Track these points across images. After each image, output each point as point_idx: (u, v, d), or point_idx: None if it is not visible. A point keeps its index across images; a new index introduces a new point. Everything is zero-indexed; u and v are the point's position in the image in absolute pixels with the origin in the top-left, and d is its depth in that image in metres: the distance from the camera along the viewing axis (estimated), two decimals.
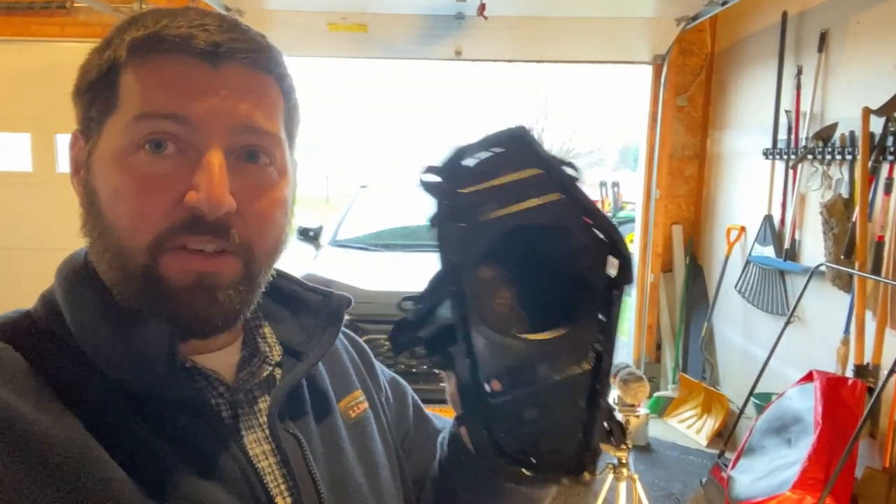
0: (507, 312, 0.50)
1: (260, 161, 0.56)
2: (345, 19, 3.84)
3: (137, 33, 0.53)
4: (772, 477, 2.55)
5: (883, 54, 2.64)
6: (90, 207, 0.55)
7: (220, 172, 0.52)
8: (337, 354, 0.76)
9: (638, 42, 4.34)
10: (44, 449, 0.47)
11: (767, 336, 3.35)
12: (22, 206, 3.96)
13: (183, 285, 0.53)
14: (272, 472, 0.60)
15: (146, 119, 0.52)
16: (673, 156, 4.54)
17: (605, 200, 12.66)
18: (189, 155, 0.53)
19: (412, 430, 0.80)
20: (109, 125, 0.54)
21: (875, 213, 2.64)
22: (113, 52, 0.54)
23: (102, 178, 0.54)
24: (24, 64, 3.89)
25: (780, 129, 3.45)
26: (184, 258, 0.53)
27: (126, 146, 0.52)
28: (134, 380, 0.54)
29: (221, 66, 0.53)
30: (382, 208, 4.51)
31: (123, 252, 0.53)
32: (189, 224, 0.52)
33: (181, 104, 0.52)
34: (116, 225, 0.53)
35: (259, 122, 0.55)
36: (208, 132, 0.53)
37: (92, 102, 0.55)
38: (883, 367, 2.55)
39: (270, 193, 0.57)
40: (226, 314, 0.56)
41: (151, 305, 0.53)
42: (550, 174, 0.49)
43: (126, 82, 0.53)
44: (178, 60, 0.53)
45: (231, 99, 0.53)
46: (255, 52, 0.55)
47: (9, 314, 0.57)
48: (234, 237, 0.54)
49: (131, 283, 0.53)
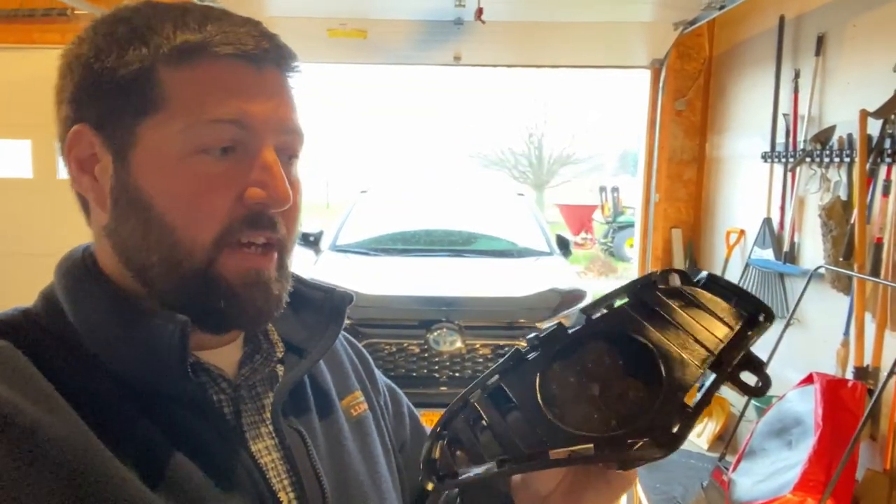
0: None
1: (292, 159, 0.60)
2: (344, 25, 3.85)
3: (188, 36, 0.54)
4: (773, 479, 2.55)
5: (880, 57, 2.65)
6: (130, 207, 0.55)
7: (280, 170, 0.56)
8: (338, 354, 0.76)
9: (636, 47, 4.35)
10: (45, 446, 0.47)
11: (767, 338, 3.34)
12: (22, 213, 3.97)
13: (243, 283, 0.56)
14: (275, 467, 0.60)
15: (207, 125, 0.54)
16: (672, 160, 4.55)
17: (605, 205, 12.68)
18: (242, 154, 0.55)
19: (409, 442, 0.81)
20: (150, 126, 0.54)
21: (873, 215, 2.64)
22: (153, 51, 0.54)
23: (155, 178, 0.54)
24: (24, 71, 3.90)
25: (778, 133, 3.46)
26: (240, 256, 0.56)
27: (186, 149, 0.54)
28: (139, 375, 0.54)
29: (264, 69, 0.56)
30: (383, 213, 4.52)
31: (181, 251, 0.54)
32: (250, 220, 0.55)
33: (239, 108, 0.54)
34: (177, 224, 0.54)
35: (296, 123, 0.59)
36: (262, 133, 0.56)
37: (121, 99, 0.54)
38: (883, 369, 2.55)
39: (299, 189, 0.61)
40: (278, 305, 0.59)
41: (211, 303, 0.55)
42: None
43: (173, 84, 0.54)
44: (230, 66, 0.55)
45: (273, 100, 0.57)
46: (286, 58, 0.59)
47: (8, 312, 0.57)
48: (280, 230, 0.58)
49: (187, 283, 0.55)
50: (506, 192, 5.08)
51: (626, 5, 3.55)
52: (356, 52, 4.32)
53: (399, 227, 4.27)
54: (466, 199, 4.81)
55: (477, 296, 3.17)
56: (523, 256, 3.83)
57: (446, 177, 17.29)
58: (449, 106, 34.41)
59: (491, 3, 3.19)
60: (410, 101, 34.60)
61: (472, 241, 4.11)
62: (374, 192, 4.68)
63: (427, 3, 3.55)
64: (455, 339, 2.92)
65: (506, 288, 3.28)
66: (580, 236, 13.32)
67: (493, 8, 3.22)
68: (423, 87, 31.25)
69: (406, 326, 2.97)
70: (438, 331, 2.93)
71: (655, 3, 3.55)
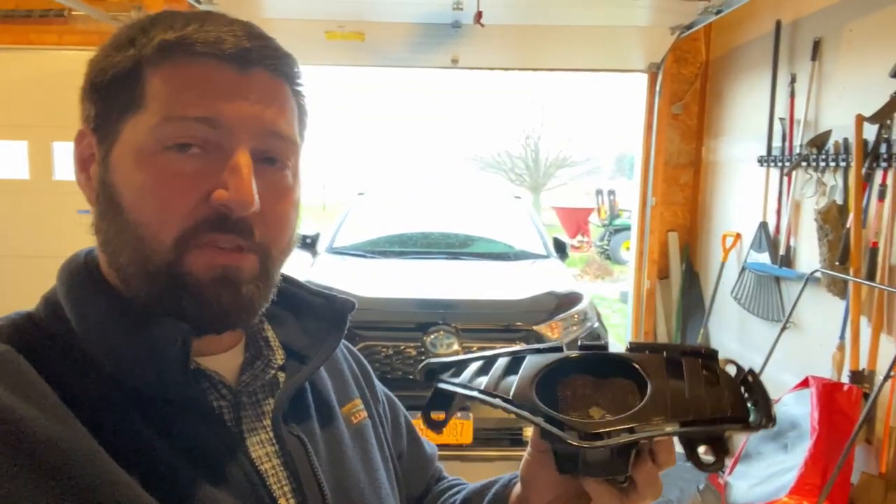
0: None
1: (278, 165, 0.58)
2: (342, 27, 3.85)
3: (167, 35, 0.54)
4: (769, 482, 2.56)
5: (876, 62, 2.67)
6: (107, 204, 0.55)
7: (249, 173, 0.54)
8: (338, 362, 0.77)
9: (633, 50, 4.37)
10: (47, 451, 0.47)
11: (763, 342, 3.36)
12: (19, 214, 3.95)
13: (209, 279, 0.54)
14: (276, 473, 0.60)
15: (177, 121, 0.53)
16: (668, 163, 4.56)
17: (602, 208, 12.69)
18: (215, 155, 0.54)
19: (405, 452, 0.81)
20: (132, 123, 0.54)
21: (869, 220, 2.66)
22: (138, 51, 0.54)
23: (125, 175, 0.54)
24: (21, 72, 3.89)
25: (774, 137, 3.47)
26: (209, 253, 0.54)
27: (152, 145, 0.53)
28: (140, 380, 0.54)
29: (249, 71, 0.55)
30: (380, 216, 4.52)
31: (146, 248, 0.53)
32: (214, 222, 0.53)
33: (212, 107, 0.53)
34: (140, 221, 0.53)
35: (282, 128, 0.57)
36: (236, 134, 0.54)
37: (111, 100, 0.56)
38: (878, 373, 2.56)
39: (288, 197, 0.59)
40: (247, 308, 0.57)
41: (174, 301, 0.54)
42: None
43: (153, 82, 0.54)
44: (208, 64, 0.54)
45: (258, 103, 0.55)
46: (279, 60, 0.57)
47: (10, 316, 0.57)
48: (255, 237, 0.56)
49: (153, 279, 0.54)
50: (503, 195, 5.09)
51: (623, 9, 3.56)
52: (354, 55, 4.32)
53: (396, 229, 4.27)
54: (464, 202, 4.81)
55: (474, 299, 3.17)
56: (520, 259, 3.83)
57: (444, 179, 17.31)
58: (446, 108, 34.41)
59: (489, 7, 3.20)
60: (407, 104, 34.58)
61: (469, 243, 4.11)
62: (372, 195, 4.68)
63: (425, 6, 3.56)
64: (452, 341, 2.92)
65: (503, 291, 3.28)
66: (576, 239, 13.33)
67: (491, 11, 3.23)
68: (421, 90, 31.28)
69: (403, 329, 2.96)
70: (435, 334, 2.92)
71: (652, 8, 3.57)
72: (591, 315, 3.22)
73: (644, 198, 4.64)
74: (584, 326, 3.13)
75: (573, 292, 3.26)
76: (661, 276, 4.65)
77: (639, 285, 4.71)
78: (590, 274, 10.66)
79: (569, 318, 3.08)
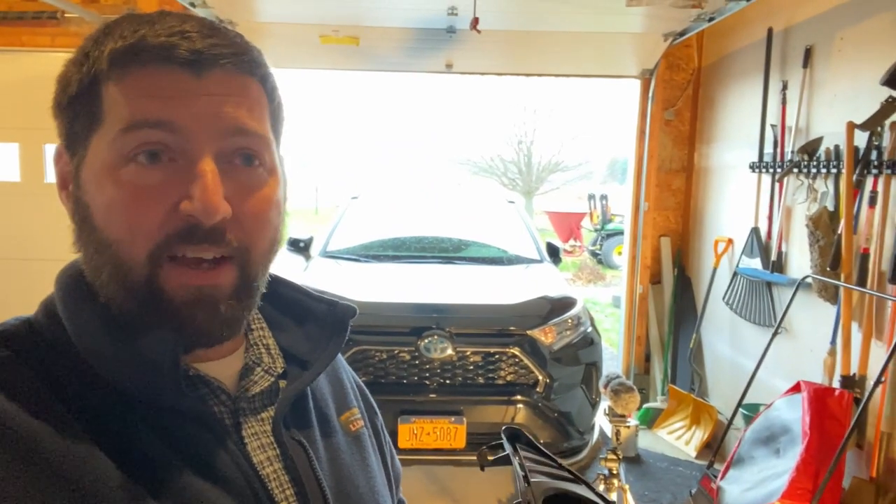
0: None
1: (251, 163, 0.56)
2: (337, 32, 3.86)
3: (117, 44, 0.52)
4: (761, 487, 2.57)
5: (867, 70, 2.69)
6: (83, 223, 0.55)
7: (213, 179, 0.52)
8: (338, 369, 0.77)
9: (626, 57, 4.39)
10: (47, 456, 0.47)
11: (755, 347, 3.38)
12: (10, 217, 3.93)
13: (182, 301, 0.53)
14: (277, 477, 0.60)
15: (133, 130, 0.51)
16: (661, 169, 4.59)
17: (594, 213, 12.74)
18: (180, 164, 0.52)
19: (389, 462, 0.82)
20: (96, 139, 0.53)
21: (860, 226, 2.68)
22: (92, 64, 0.53)
23: (94, 192, 0.53)
24: (13, 74, 3.87)
25: (766, 143, 3.50)
26: (182, 273, 0.53)
27: (116, 159, 0.52)
28: (136, 388, 0.54)
29: (204, 73, 0.53)
30: (373, 220, 4.52)
31: (122, 266, 0.53)
32: (185, 233, 0.52)
33: (167, 111, 0.51)
34: (112, 239, 0.52)
35: (246, 124, 0.55)
36: (198, 139, 0.52)
37: (75, 117, 0.55)
38: (869, 378, 2.58)
39: (263, 194, 0.57)
40: (229, 324, 0.56)
41: (153, 318, 0.53)
42: None
43: (109, 95, 0.53)
44: (160, 71, 0.52)
45: (216, 103, 0.53)
46: (237, 56, 0.55)
47: (10, 321, 0.57)
48: (230, 242, 0.54)
49: (132, 296, 0.53)
50: (496, 200, 5.09)
51: (616, 16, 3.58)
52: (348, 59, 4.33)
53: (390, 233, 4.26)
54: (457, 207, 4.82)
55: (468, 303, 3.17)
56: (513, 264, 3.84)
57: (437, 184, 17.31)
58: (439, 113, 34.46)
59: (483, 13, 3.21)
60: (401, 108, 34.61)
61: (462, 248, 4.11)
62: (365, 199, 4.68)
63: (420, 12, 3.57)
64: (446, 346, 2.92)
65: (496, 295, 3.28)
66: (569, 243, 13.36)
67: (485, 17, 3.24)
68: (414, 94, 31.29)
69: (397, 333, 2.96)
70: (429, 338, 2.92)
71: (645, 15, 3.59)
72: (585, 319, 3.23)
73: (637, 203, 4.67)
74: (578, 331, 3.13)
75: (567, 297, 3.26)
76: (654, 280, 4.67)
77: (631, 290, 4.73)
78: (582, 278, 10.69)
79: (562, 323, 3.09)
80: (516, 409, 2.91)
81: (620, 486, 2.32)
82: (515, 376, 2.96)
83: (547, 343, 3.00)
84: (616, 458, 2.32)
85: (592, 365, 3.16)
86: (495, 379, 2.96)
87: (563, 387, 2.99)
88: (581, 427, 3.05)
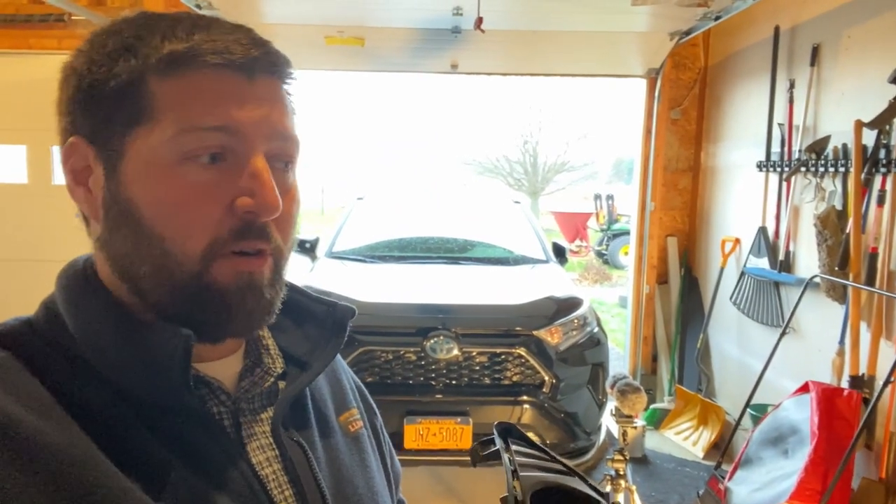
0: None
1: (285, 165, 0.60)
2: (342, 33, 3.86)
3: (175, 46, 0.54)
4: (769, 488, 2.56)
5: (874, 68, 2.68)
6: (121, 218, 0.55)
7: (269, 178, 0.55)
8: (337, 370, 0.77)
9: (632, 56, 4.38)
10: (46, 456, 0.47)
11: (763, 347, 3.36)
12: (18, 218, 3.95)
13: (236, 287, 0.55)
14: (276, 478, 0.60)
15: (194, 132, 0.53)
16: (667, 168, 4.57)
17: (600, 213, 12.71)
18: (231, 161, 0.55)
19: (389, 463, 0.83)
20: (141, 135, 0.54)
21: (868, 225, 2.66)
22: (141, 61, 0.54)
23: (143, 189, 0.54)
24: (21, 76, 3.89)
25: (773, 142, 3.48)
26: (233, 262, 0.55)
27: (173, 157, 0.53)
28: (139, 387, 0.54)
29: (256, 78, 0.56)
30: (379, 220, 4.52)
31: (171, 261, 0.54)
32: (240, 230, 0.55)
33: (226, 116, 0.54)
34: (165, 235, 0.54)
35: (288, 129, 0.59)
36: (252, 140, 0.55)
37: (111, 110, 0.55)
38: (878, 378, 2.56)
39: (293, 195, 0.60)
40: (269, 310, 0.59)
41: (200, 310, 0.55)
42: None
43: (163, 94, 0.54)
44: (219, 74, 0.54)
45: (266, 108, 0.56)
46: (278, 66, 0.58)
47: (9, 321, 0.57)
48: (275, 238, 0.57)
49: (179, 290, 0.54)
50: (502, 200, 5.09)
51: (621, 15, 3.57)
52: (354, 60, 4.33)
53: (396, 234, 4.27)
54: (463, 207, 4.81)
55: (474, 304, 3.17)
56: (520, 264, 3.83)
57: (443, 184, 17.30)
58: (445, 113, 34.48)
59: (489, 13, 3.21)
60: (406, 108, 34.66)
61: (468, 248, 4.11)
62: (371, 199, 4.68)
63: (425, 12, 3.57)
64: (452, 346, 2.91)
65: (503, 296, 3.28)
66: (575, 244, 13.34)
67: (490, 17, 3.24)
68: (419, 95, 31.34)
69: (403, 334, 2.96)
70: (435, 338, 2.92)
71: (651, 14, 3.58)
72: (591, 320, 3.22)
73: (643, 203, 4.65)
74: (584, 331, 3.13)
75: (573, 297, 3.26)
76: (661, 280, 4.66)
77: (638, 290, 4.71)
78: (588, 279, 10.67)
79: (568, 323, 3.08)
80: (522, 409, 2.91)
81: (627, 486, 2.31)
82: (521, 377, 2.96)
83: (553, 343, 3.00)
84: (623, 459, 2.31)
85: (599, 365, 3.15)
86: (501, 379, 2.96)
87: (569, 387, 2.99)
88: (588, 428, 3.04)
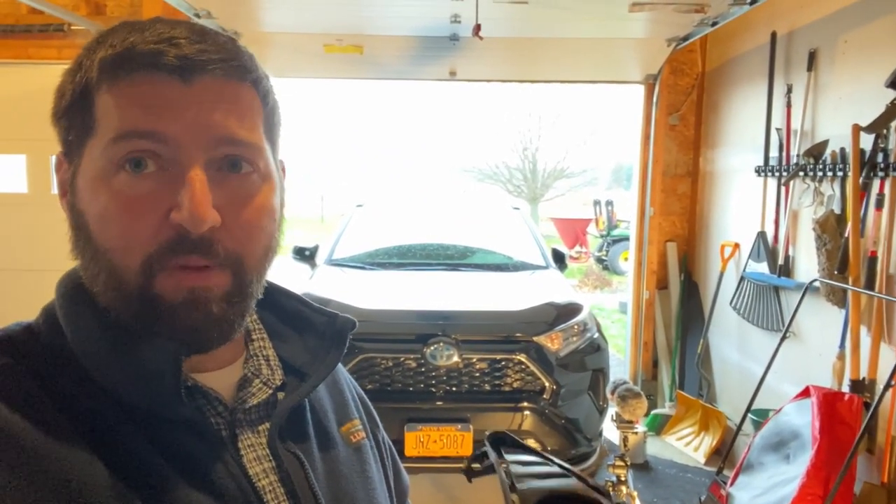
0: None
1: (242, 170, 0.56)
2: (340, 41, 3.87)
3: (106, 53, 0.53)
4: (771, 493, 2.55)
5: (871, 72, 2.68)
6: (78, 230, 0.55)
7: (201, 189, 0.51)
8: (339, 381, 0.76)
9: (630, 62, 4.40)
10: (45, 464, 0.47)
11: (763, 352, 3.36)
12: (17, 228, 3.96)
13: (178, 301, 0.53)
14: (273, 490, 0.60)
15: (123, 139, 0.51)
16: (666, 174, 4.58)
17: (600, 219, 12.72)
18: (171, 172, 0.52)
19: (391, 477, 0.81)
20: (89, 148, 0.54)
21: (867, 229, 2.66)
22: (84, 73, 0.54)
23: (88, 201, 0.54)
24: (20, 86, 3.90)
25: (771, 147, 3.49)
26: (176, 275, 0.53)
27: (107, 167, 0.52)
28: (134, 397, 0.54)
29: (193, 80, 0.52)
30: (379, 227, 4.52)
31: (116, 273, 0.53)
32: (176, 243, 0.52)
33: (156, 121, 0.51)
34: (107, 247, 0.53)
35: (236, 133, 0.54)
36: (187, 148, 0.52)
37: (70, 126, 0.55)
38: (879, 382, 2.56)
39: (255, 201, 0.56)
40: (221, 326, 0.55)
41: (149, 324, 0.53)
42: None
43: (101, 103, 0.53)
44: (149, 78, 0.52)
45: (205, 112, 0.53)
46: (226, 61, 0.54)
47: (10, 327, 0.57)
48: (219, 252, 0.53)
49: (127, 303, 0.53)
50: (502, 206, 5.09)
51: (619, 22, 3.59)
52: (352, 68, 4.35)
53: (395, 241, 4.27)
54: (462, 213, 4.82)
55: (474, 310, 3.16)
56: (519, 270, 3.83)
57: (442, 191, 17.32)
58: (444, 120, 34.55)
59: (487, 20, 3.22)
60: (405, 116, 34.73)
61: (468, 255, 4.11)
62: (370, 206, 4.69)
63: (423, 20, 3.58)
64: (452, 353, 2.91)
65: (502, 302, 3.27)
66: (575, 249, 13.34)
67: (488, 24, 3.25)
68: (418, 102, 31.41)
69: (403, 341, 2.95)
70: (435, 345, 2.92)
71: (648, 20, 3.59)
72: (591, 326, 3.21)
73: (642, 208, 4.66)
74: (584, 337, 3.12)
75: (573, 303, 3.25)
76: (660, 286, 4.66)
77: (638, 296, 4.71)
78: (588, 284, 10.66)
79: (569, 329, 3.08)
80: (523, 415, 2.90)
81: (629, 492, 2.30)
82: (522, 383, 2.95)
83: (553, 349, 2.99)
84: (624, 465, 2.31)
85: (599, 371, 3.15)
86: (502, 386, 2.95)
87: (569, 393, 2.98)
88: (588, 434, 3.03)
